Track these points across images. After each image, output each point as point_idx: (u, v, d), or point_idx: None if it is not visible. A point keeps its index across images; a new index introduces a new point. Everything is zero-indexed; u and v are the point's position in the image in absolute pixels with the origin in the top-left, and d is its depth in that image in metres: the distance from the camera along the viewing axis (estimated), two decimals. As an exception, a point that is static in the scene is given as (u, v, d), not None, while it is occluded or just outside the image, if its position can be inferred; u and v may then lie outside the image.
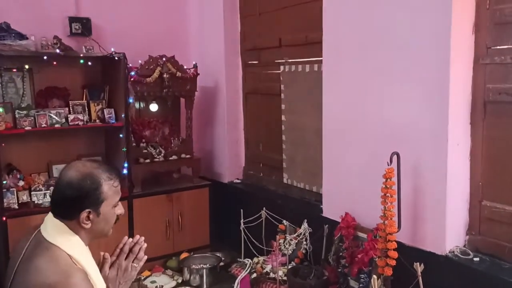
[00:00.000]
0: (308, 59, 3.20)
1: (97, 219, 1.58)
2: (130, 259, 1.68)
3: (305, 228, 2.96)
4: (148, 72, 3.54)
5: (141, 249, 1.70)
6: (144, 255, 1.71)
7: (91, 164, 1.62)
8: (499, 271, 2.06)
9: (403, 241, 2.33)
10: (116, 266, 1.67)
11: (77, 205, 1.54)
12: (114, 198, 1.62)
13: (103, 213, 1.59)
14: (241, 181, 4.03)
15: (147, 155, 3.65)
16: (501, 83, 2.09)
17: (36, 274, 1.44)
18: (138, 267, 1.69)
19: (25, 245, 1.56)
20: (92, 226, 1.58)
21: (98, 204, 1.57)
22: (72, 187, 1.53)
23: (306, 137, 3.28)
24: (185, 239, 3.71)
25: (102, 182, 1.57)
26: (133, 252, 1.68)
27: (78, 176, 1.55)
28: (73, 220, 1.56)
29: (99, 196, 1.56)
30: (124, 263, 1.67)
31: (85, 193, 1.53)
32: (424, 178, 2.31)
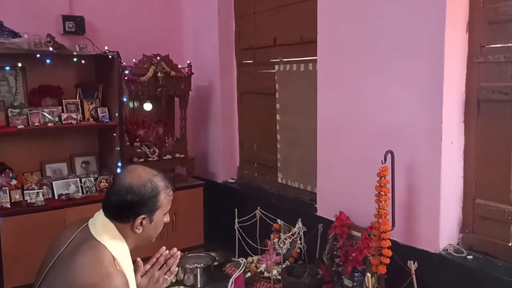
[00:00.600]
0: (302, 58, 3.21)
1: (149, 226, 1.59)
2: (164, 270, 1.70)
3: (299, 227, 2.95)
4: (142, 71, 3.53)
5: (174, 262, 1.72)
6: (177, 269, 1.73)
7: (151, 171, 1.63)
8: (492, 269, 2.07)
9: (397, 240, 2.33)
10: (149, 275, 1.68)
11: (134, 210, 1.55)
12: (167, 207, 1.64)
13: (155, 221, 1.60)
14: (235, 180, 4.02)
15: (141, 155, 3.64)
16: (495, 81, 2.10)
17: (79, 271, 1.44)
18: (168, 280, 1.71)
19: (71, 237, 1.56)
20: (142, 232, 1.58)
21: (153, 211, 1.58)
22: (133, 192, 1.54)
23: (301, 136, 3.28)
24: (179, 238, 3.69)
25: (161, 190, 1.58)
26: (167, 265, 1.70)
27: (140, 181, 1.56)
28: (126, 223, 1.56)
29: (156, 204, 1.57)
30: (157, 273, 1.69)
31: (145, 199, 1.55)
32: (418, 177, 2.31)
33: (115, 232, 1.56)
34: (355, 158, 2.66)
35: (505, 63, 2.05)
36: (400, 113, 2.39)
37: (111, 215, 1.57)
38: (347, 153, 2.72)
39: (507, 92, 2.04)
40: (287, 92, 3.39)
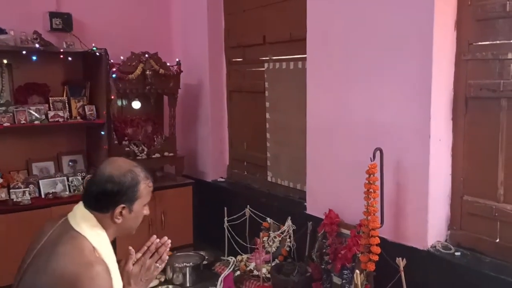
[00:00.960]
0: (292, 56, 3.20)
1: (129, 216, 1.62)
2: (155, 258, 1.71)
3: (288, 226, 2.95)
4: (130, 68, 3.50)
5: (165, 251, 1.74)
6: (167, 257, 1.75)
7: (131, 162, 1.68)
8: (480, 265, 2.08)
9: (385, 237, 2.34)
10: (140, 264, 1.70)
11: (114, 200, 1.58)
12: (147, 198, 1.68)
13: (135, 211, 1.64)
14: (225, 179, 4.01)
15: (129, 153, 3.60)
16: (482, 79, 2.11)
17: (60, 259, 1.46)
18: (160, 268, 1.73)
19: (49, 231, 1.58)
20: (122, 222, 1.61)
21: (133, 201, 1.61)
22: (113, 181, 1.57)
23: (290, 135, 3.27)
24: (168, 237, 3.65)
25: (140, 180, 1.63)
26: (158, 253, 1.72)
27: (120, 171, 1.60)
28: (105, 213, 1.60)
29: (136, 193, 1.61)
30: (149, 261, 1.70)
31: (125, 188, 1.58)
32: (406, 174, 2.32)
33: (95, 223, 1.58)
34: (344, 156, 2.66)
35: (492, 60, 2.06)
36: (389, 111, 2.39)
37: (90, 205, 1.60)
38: (336, 151, 2.72)
39: (495, 89, 2.05)
40: (276, 90, 3.38)
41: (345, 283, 2.47)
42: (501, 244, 2.10)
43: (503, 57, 2.02)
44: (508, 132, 2.04)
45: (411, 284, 2.11)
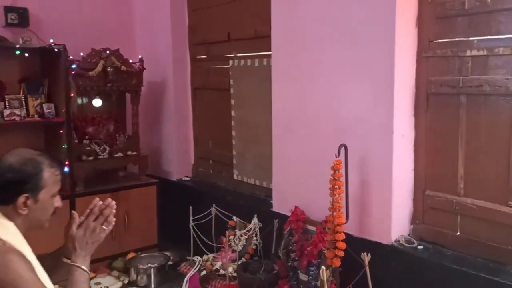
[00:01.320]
0: (257, 53, 3.19)
1: (35, 206, 1.56)
2: (100, 221, 1.66)
3: (255, 224, 2.93)
4: (90, 65, 3.39)
5: (111, 212, 1.68)
6: (114, 219, 1.69)
7: (34, 151, 1.62)
8: (441, 258, 2.12)
9: (351, 233, 2.35)
10: (84, 226, 1.65)
11: (16, 189, 1.53)
12: (54, 187, 1.61)
13: (41, 201, 1.58)
14: (190, 178, 3.96)
15: (90, 152, 3.50)
16: (443, 75, 2.15)
17: None
18: (107, 230, 1.68)
19: None
20: (28, 213, 1.55)
21: (38, 190, 1.56)
22: (13, 170, 1.53)
23: (256, 132, 3.26)
24: (131, 239, 3.58)
25: (44, 168, 1.57)
26: (103, 215, 1.67)
27: (20, 160, 1.55)
28: (9, 205, 1.53)
29: (39, 182, 1.56)
30: (92, 224, 1.66)
31: (25, 176, 1.53)
32: (370, 170, 2.34)
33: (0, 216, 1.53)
34: (309, 153, 2.67)
35: (452, 57, 2.11)
36: (353, 108, 2.41)
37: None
38: (302, 148, 2.72)
39: (454, 86, 2.10)
40: (241, 87, 3.36)
41: (311, 279, 2.48)
42: (461, 237, 2.15)
43: (462, 54, 2.07)
44: (467, 128, 2.09)
45: (375, 278, 2.13)
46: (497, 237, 2.02)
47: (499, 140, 1.99)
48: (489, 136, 2.03)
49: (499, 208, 2.00)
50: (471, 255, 2.08)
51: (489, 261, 2.02)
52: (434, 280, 2.10)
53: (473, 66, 2.04)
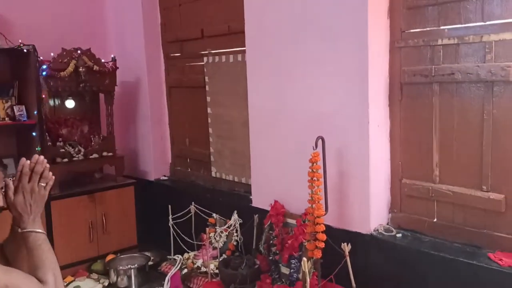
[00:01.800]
0: (231, 49, 3.18)
1: None
2: (35, 179, 1.55)
3: (235, 220, 2.93)
4: (62, 66, 3.33)
5: (45, 168, 1.56)
6: (50, 174, 1.58)
7: None
8: (420, 245, 2.16)
9: (330, 224, 2.36)
10: (21, 190, 1.54)
11: None
12: None
13: None
14: (168, 177, 3.92)
15: (65, 155, 3.43)
16: (415, 65, 2.19)
17: None
18: (47, 186, 1.57)
19: None
20: None
21: None
22: None
23: (233, 129, 3.25)
24: (110, 240, 3.53)
25: None
26: (35, 172, 1.54)
27: None
28: None
29: None
30: (29, 185, 1.54)
31: None
32: (348, 161, 2.36)
33: None
34: (287, 147, 2.67)
35: (424, 47, 2.15)
36: (329, 100, 2.42)
37: None
38: (279, 143, 2.73)
39: (427, 75, 2.13)
40: (217, 84, 3.35)
41: (293, 272, 2.48)
42: (438, 223, 2.19)
43: (433, 43, 2.11)
44: (441, 115, 2.13)
45: (356, 267, 2.16)
46: (473, 222, 2.07)
47: (471, 127, 2.04)
48: (462, 123, 2.07)
49: (473, 193, 2.04)
50: (448, 240, 2.13)
51: (465, 245, 2.07)
52: (413, 266, 2.13)
53: (445, 54, 2.08)
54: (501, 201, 1.95)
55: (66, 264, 3.20)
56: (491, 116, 1.96)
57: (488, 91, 1.96)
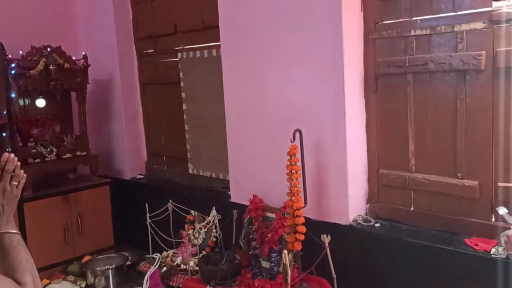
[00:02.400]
0: (206, 44, 3.15)
1: None
2: (6, 178, 1.50)
3: (214, 216, 2.90)
4: (31, 64, 3.23)
5: (16, 166, 1.51)
6: (22, 172, 1.53)
7: None
8: (397, 233, 2.19)
9: (310, 216, 2.38)
10: None
11: None
12: None
13: None
14: (144, 176, 3.86)
15: (36, 155, 3.33)
16: (389, 56, 2.22)
17: None
18: (19, 184, 1.52)
19: None
20: None
21: None
22: None
23: (209, 124, 3.23)
24: (86, 242, 3.46)
25: None
26: (6, 171, 1.50)
27: None
28: None
29: None
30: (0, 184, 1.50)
31: None
32: (325, 153, 2.37)
33: None
34: (264, 141, 2.67)
35: (397, 38, 2.17)
36: (305, 93, 2.43)
37: None
38: (256, 137, 2.72)
39: (401, 65, 2.16)
40: (192, 80, 3.31)
41: (273, 265, 2.48)
42: (415, 211, 2.23)
43: (406, 34, 2.14)
44: (415, 105, 2.17)
45: (336, 258, 2.17)
46: (448, 209, 2.11)
47: (445, 115, 2.07)
48: (436, 112, 2.11)
49: (449, 181, 2.08)
50: (425, 228, 2.16)
51: (442, 232, 2.11)
52: (392, 254, 2.16)
53: (418, 45, 2.11)
54: (476, 187, 2.00)
55: (41, 267, 3.10)
56: (464, 104, 2.00)
57: (460, 80, 2.00)
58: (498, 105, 1.91)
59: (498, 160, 1.94)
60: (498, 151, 1.93)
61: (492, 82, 1.92)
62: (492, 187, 1.97)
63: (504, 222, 1.89)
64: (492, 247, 1.88)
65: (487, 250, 1.88)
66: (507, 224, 1.87)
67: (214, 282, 2.47)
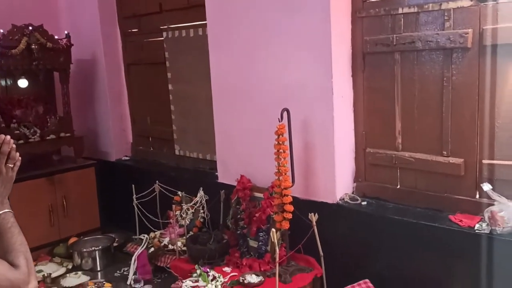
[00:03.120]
0: (192, 23, 3.10)
1: None
2: (2, 160, 1.51)
3: (201, 196, 2.90)
4: (12, 43, 3.15)
5: (12, 148, 1.53)
6: (17, 154, 1.54)
7: None
8: (384, 211, 2.22)
9: (297, 195, 2.39)
10: None
11: None
12: None
13: None
14: (130, 157, 3.83)
15: (20, 136, 3.27)
16: (377, 34, 2.21)
17: None
18: (15, 166, 1.53)
19: None
20: None
21: None
22: None
23: (196, 105, 3.20)
24: (72, 223, 3.43)
25: None
26: (2, 153, 1.50)
27: None
28: None
29: None
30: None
31: None
32: (313, 132, 2.38)
33: None
34: (252, 121, 2.66)
35: (385, 16, 2.17)
36: (292, 72, 2.42)
37: None
38: (244, 117, 2.71)
39: (388, 44, 2.16)
40: (178, 60, 3.27)
41: (261, 245, 2.50)
42: (401, 189, 2.25)
43: (394, 12, 2.13)
44: (402, 84, 2.17)
45: (324, 236, 2.19)
46: (434, 186, 2.14)
47: (432, 94, 2.09)
48: (422, 91, 2.12)
49: (435, 159, 2.11)
50: (411, 206, 2.19)
51: (427, 209, 2.14)
52: (379, 232, 2.19)
53: (405, 23, 2.11)
54: (461, 165, 2.02)
55: (26, 249, 3.10)
56: (450, 82, 2.01)
57: (447, 58, 2.00)
58: (484, 83, 1.93)
59: (483, 137, 1.96)
60: (484, 129, 1.95)
61: (478, 60, 1.93)
62: (477, 165, 2.00)
63: (488, 199, 1.93)
64: (476, 223, 1.92)
65: (471, 226, 1.92)
66: (491, 200, 1.90)
67: (202, 261, 2.48)
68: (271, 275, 2.26)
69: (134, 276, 2.77)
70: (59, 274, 2.90)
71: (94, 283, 2.73)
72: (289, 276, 2.24)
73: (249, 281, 2.24)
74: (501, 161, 1.93)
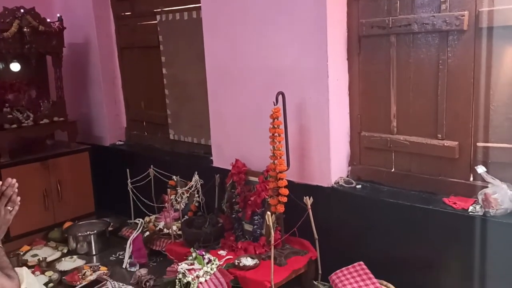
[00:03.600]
0: (186, 6, 3.07)
1: None
2: (3, 202, 1.57)
3: (196, 180, 2.90)
4: (4, 26, 3.11)
5: (14, 192, 1.58)
6: (18, 199, 1.60)
7: None
8: (378, 194, 2.23)
9: (292, 179, 2.39)
10: None
11: None
12: None
13: None
14: (124, 142, 3.82)
15: (13, 121, 3.25)
16: (373, 17, 2.20)
17: None
18: (13, 210, 1.59)
19: None
20: None
21: None
22: None
23: (191, 89, 3.18)
24: (66, 208, 3.43)
25: None
26: (5, 195, 1.57)
27: None
28: None
29: None
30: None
31: None
32: (308, 116, 2.37)
33: None
34: (247, 105, 2.65)
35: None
36: (288, 55, 2.40)
37: None
38: (238, 101, 2.70)
39: (384, 27, 2.15)
40: (172, 43, 3.24)
41: (256, 228, 2.51)
42: (396, 173, 2.26)
43: (390, -6, 2.11)
44: (398, 67, 2.17)
45: (319, 219, 2.21)
46: (428, 169, 2.15)
47: (427, 77, 2.08)
48: (418, 74, 2.12)
49: (429, 142, 2.11)
50: (405, 189, 2.21)
51: (422, 192, 2.15)
52: (373, 214, 2.20)
53: (401, 5, 2.09)
54: (455, 147, 2.03)
55: (21, 233, 3.11)
56: (446, 65, 2.01)
57: (443, 40, 2.00)
58: (479, 66, 1.92)
59: (478, 120, 1.96)
60: (479, 112, 1.95)
61: (474, 42, 1.92)
62: (471, 147, 2.01)
63: (482, 181, 1.94)
64: (469, 205, 1.93)
65: (465, 208, 1.93)
66: (485, 182, 1.91)
67: (197, 245, 2.48)
68: (266, 258, 2.27)
69: (129, 260, 2.78)
70: (55, 258, 2.90)
71: (90, 267, 2.74)
72: (284, 259, 2.25)
73: (245, 264, 2.25)
74: (496, 144, 1.94)
